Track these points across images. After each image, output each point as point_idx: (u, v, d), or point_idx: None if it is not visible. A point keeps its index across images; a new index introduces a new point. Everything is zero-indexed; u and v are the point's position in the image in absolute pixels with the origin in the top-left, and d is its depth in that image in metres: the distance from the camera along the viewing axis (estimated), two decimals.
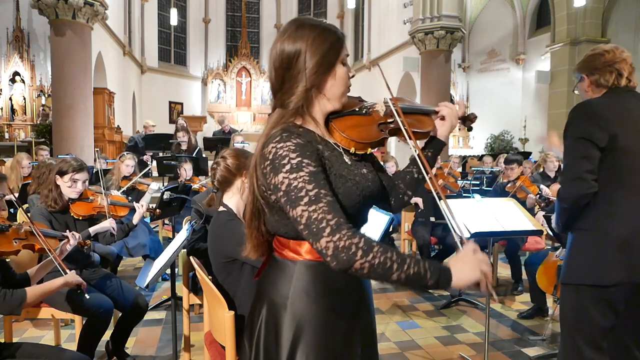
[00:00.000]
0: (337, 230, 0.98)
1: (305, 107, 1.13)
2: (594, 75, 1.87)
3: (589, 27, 11.22)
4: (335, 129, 1.16)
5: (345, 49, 1.17)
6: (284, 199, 1.03)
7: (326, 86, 1.14)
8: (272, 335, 1.13)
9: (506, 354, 3.09)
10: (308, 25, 1.13)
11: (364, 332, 1.22)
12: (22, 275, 2.21)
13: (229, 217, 2.05)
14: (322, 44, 1.12)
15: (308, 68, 1.10)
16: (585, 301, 1.78)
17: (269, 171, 1.06)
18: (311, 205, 1.00)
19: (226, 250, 1.95)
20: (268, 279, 1.20)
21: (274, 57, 1.14)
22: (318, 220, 0.99)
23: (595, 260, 1.75)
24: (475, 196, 3.13)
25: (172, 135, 6.99)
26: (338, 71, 1.15)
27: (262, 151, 1.09)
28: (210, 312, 2.01)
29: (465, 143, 14.26)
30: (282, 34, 1.14)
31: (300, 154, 1.04)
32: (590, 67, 1.89)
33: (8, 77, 10.50)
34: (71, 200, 2.72)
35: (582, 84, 1.94)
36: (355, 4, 15.06)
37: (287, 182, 1.02)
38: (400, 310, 3.91)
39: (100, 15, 8.58)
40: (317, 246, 0.99)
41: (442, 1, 10.12)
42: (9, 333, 2.58)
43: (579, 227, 1.83)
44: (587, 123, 1.75)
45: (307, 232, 1.00)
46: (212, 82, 17.84)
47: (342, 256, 0.97)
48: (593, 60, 1.89)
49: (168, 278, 4.36)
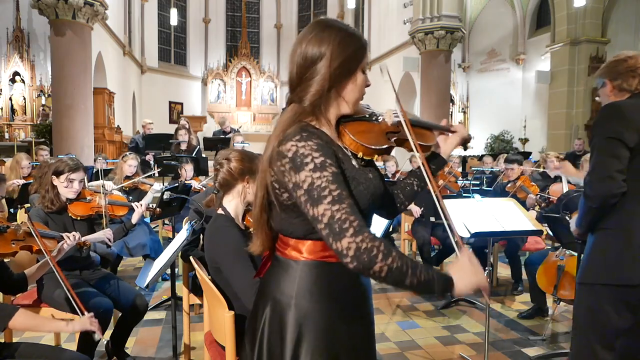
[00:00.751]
0: (360, 232, 0.99)
1: (322, 108, 1.14)
2: (617, 80, 1.89)
3: (589, 27, 11.22)
4: (346, 132, 1.17)
5: (367, 57, 1.19)
6: (305, 198, 1.03)
7: (346, 89, 1.16)
8: (277, 334, 1.14)
9: (506, 354, 3.09)
10: (335, 27, 1.14)
11: (366, 331, 1.23)
12: (20, 275, 2.21)
13: (225, 223, 2.02)
14: (346, 47, 1.13)
15: (331, 69, 1.11)
16: (603, 301, 1.78)
17: (288, 169, 1.06)
18: (334, 205, 1.00)
19: (216, 258, 1.94)
20: (271, 278, 1.20)
21: (297, 54, 1.14)
22: (342, 220, 1.00)
23: (619, 260, 1.74)
24: (475, 196, 3.13)
25: (172, 135, 6.99)
26: (358, 77, 1.16)
27: (279, 148, 1.08)
28: (210, 312, 2.01)
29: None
30: (308, 33, 1.15)
31: (323, 154, 1.05)
32: (613, 72, 1.91)
33: (8, 77, 10.50)
34: (69, 200, 2.71)
35: (604, 89, 1.96)
36: (355, 4, 15.06)
37: (310, 180, 1.02)
38: (400, 310, 3.92)
39: (100, 15, 8.58)
40: (338, 246, 1.00)
41: (442, 1, 10.13)
42: (9, 333, 2.58)
43: (602, 227, 1.82)
44: (616, 123, 1.77)
45: (328, 232, 1.01)
46: (212, 82, 17.84)
47: (363, 257, 0.98)
48: (616, 65, 1.91)
49: (168, 278, 4.36)
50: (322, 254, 1.13)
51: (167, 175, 5.78)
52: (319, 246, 1.13)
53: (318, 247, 1.13)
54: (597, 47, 11.15)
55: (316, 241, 1.12)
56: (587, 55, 11.08)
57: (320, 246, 1.13)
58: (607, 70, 1.95)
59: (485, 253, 4.14)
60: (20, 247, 2.13)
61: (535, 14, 13.65)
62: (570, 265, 3.11)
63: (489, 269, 2.90)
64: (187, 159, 5.36)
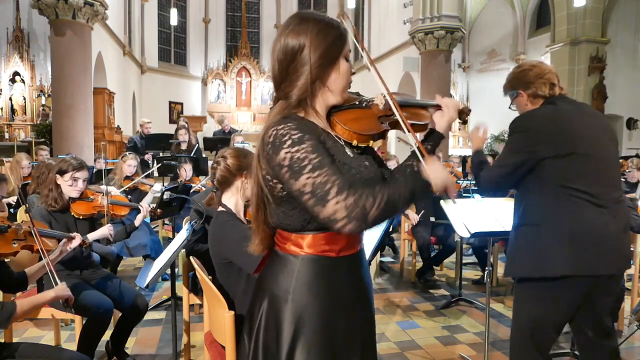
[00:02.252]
0: (344, 188, 0.98)
1: (308, 100, 1.14)
2: (530, 89, 1.98)
3: (589, 27, 11.22)
4: (337, 122, 1.16)
5: (348, 45, 1.18)
6: (288, 174, 1.03)
7: (330, 79, 1.15)
8: (273, 329, 1.14)
9: (506, 354, 3.08)
10: (312, 19, 1.14)
11: (364, 325, 1.23)
12: (20, 274, 2.20)
13: (228, 218, 2.04)
14: (325, 37, 1.12)
15: (312, 61, 1.11)
16: (529, 293, 1.90)
17: (271, 154, 1.06)
18: (315, 171, 1.00)
19: (224, 252, 1.94)
20: (269, 273, 1.19)
21: (277, 50, 1.14)
22: (322, 183, 0.99)
23: (543, 254, 1.81)
24: (475, 196, 3.13)
25: (172, 135, 6.99)
26: (342, 65, 1.15)
27: (262, 141, 1.09)
28: (210, 312, 2.01)
29: (465, 143, 14.26)
30: (285, 28, 1.15)
31: (300, 130, 1.04)
32: (523, 82, 2.00)
33: (8, 77, 10.50)
34: (71, 199, 2.72)
35: (519, 99, 2.04)
36: (355, 4, 15.06)
37: (290, 155, 1.02)
38: (400, 310, 3.91)
39: (100, 15, 8.58)
40: (326, 213, 0.99)
41: (442, 1, 10.13)
42: (9, 333, 2.58)
43: (526, 223, 1.90)
44: (530, 136, 1.86)
45: (314, 200, 1.00)
46: (212, 82, 17.83)
47: (356, 212, 0.97)
48: (524, 75, 2.00)
49: (168, 278, 4.36)
50: (323, 248, 1.13)
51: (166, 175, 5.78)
52: (320, 239, 1.12)
53: (319, 241, 1.13)
54: (597, 47, 11.15)
55: (316, 234, 1.12)
56: (587, 55, 11.07)
57: (321, 239, 1.12)
58: (517, 82, 2.02)
59: (485, 253, 4.14)
60: (22, 247, 2.13)
61: (535, 14, 13.66)
62: None
63: (489, 269, 2.90)
64: (186, 159, 5.36)
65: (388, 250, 6.00)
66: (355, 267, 1.21)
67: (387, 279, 4.92)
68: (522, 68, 2.03)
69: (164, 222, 5.91)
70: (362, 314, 1.21)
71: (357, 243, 1.20)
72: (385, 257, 5.77)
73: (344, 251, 1.16)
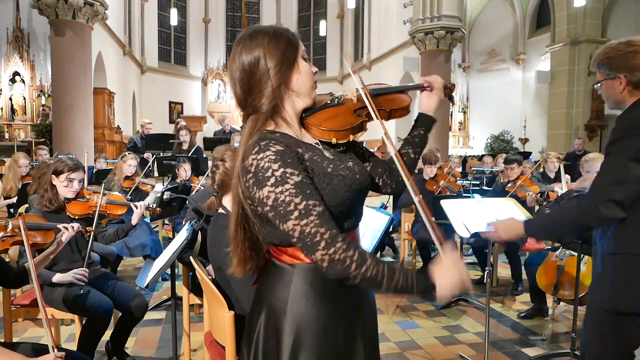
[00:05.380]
0: (332, 244, 1.00)
1: (278, 109, 1.13)
2: (635, 77, 1.59)
3: (589, 27, 11.22)
4: (311, 124, 1.16)
5: (302, 45, 1.18)
6: (272, 214, 1.04)
7: (292, 81, 1.14)
8: (272, 340, 1.12)
9: (506, 354, 3.09)
10: (260, 31, 1.15)
11: (366, 332, 1.22)
12: (19, 269, 2.19)
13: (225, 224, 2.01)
14: (278, 43, 1.13)
15: (270, 68, 1.11)
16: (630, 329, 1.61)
17: (251, 184, 1.05)
18: (302, 219, 1.01)
19: (218, 259, 1.94)
20: (267, 284, 1.18)
21: (235, 69, 1.15)
22: (312, 234, 1.01)
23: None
24: (475, 196, 3.12)
25: (172, 135, 6.98)
26: (301, 65, 1.16)
27: (243, 164, 1.07)
28: (210, 312, 2.01)
29: (465, 143, 14.26)
30: (236, 46, 1.15)
31: (282, 164, 1.03)
32: (629, 65, 1.60)
33: (8, 77, 10.50)
34: (67, 199, 2.72)
35: (614, 82, 1.65)
36: (355, 4, 15.07)
37: (274, 196, 1.02)
38: (400, 310, 3.91)
39: (100, 15, 8.58)
40: (313, 258, 1.03)
41: (442, 1, 10.13)
42: (9, 333, 2.58)
43: (628, 252, 1.60)
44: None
45: (302, 245, 1.03)
46: (212, 82, 17.84)
47: (337, 268, 1.01)
48: (633, 57, 1.60)
49: (168, 278, 4.37)
50: None
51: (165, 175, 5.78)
52: None
53: None
54: (597, 47, 11.09)
55: None
56: (587, 55, 11.07)
57: None
58: (621, 62, 1.62)
59: (485, 253, 4.14)
60: (12, 243, 2.12)
61: (535, 14, 13.66)
62: (570, 265, 3.11)
63: (489, 269, 2.90)
64: (185, 159, 5.35)
65: (388, 250, 6.00)
66: None
67: None
68: (635, 49, 1.60)
69: (164, 222, 5.91)
70: (362, 319, 1.20)
71: None
72: (385, 257, 5.77)
73: None
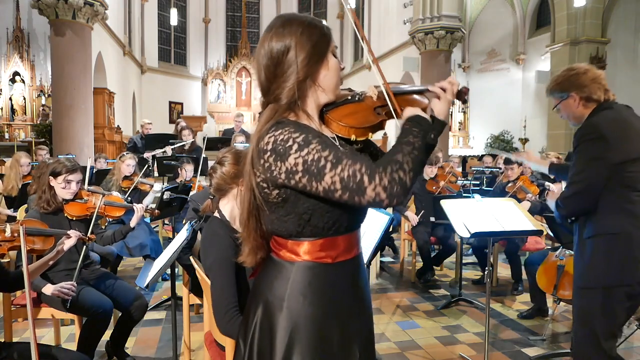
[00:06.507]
0: (374, 174, 0.97)
1: (298, 101, 1.12)
2: (584, 92, 1.96)
3: (589, 27, 11.21)
4: (332, 119, 1.15)
5: (333, 41, 1.17)
6: (306, 178, 1.01)
7: (320, 77, 1.14)
8: (267, 336, 1.12)
9: (506, 354, 3.09)
10: (294, 20, 1.13)
11: (362, 332, 1.21)
12: (17, 272, 2.19)
13: (219, 229, 1.99)
14: (311, 35, 1.11)
15: (299, 60, 1.10)
16: (613, 302, 1.88)
17: (272, 162, 1.04)
18: (337, 167, 0.98)
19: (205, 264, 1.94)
20: (264, 280, 1.18)
21: (262, 55, 1.13)
22: (351, 175, 0.98)
23: (627, 261, 1.85)
24: (475, 196, 3.12)
25: (172, 135, 6.97)
26: (330, 61, 1.15)
27: (257, 147, 1.07)
28: (210, 312, 2.01)
29: (465, 143, 14.26)
30: (268, 32, 1.13)
31: (302, 132, 1.03)
32: (576, 84, 1.98)
33: (8, 77, 10.51)
34: (65, 201, 2.71)
35: (569, 101, 2.02)
36: (355, 4, 15.06)
37: (302, 160, 1.00)
38: (400, 310, 3.91)
39: (100, 15, 8.58)
40: (367, 199, 0.98)
41: (442, 1, 10.14)
42: (9, 333, 2.58)
43: (604, 232, 1.90)
44: (599, 142, 1.86)
45: (349, 194, 0.98)
46: (212, 82, 17.84)
47: (396, 190, 0.97)
48: (577, 78, 1.98)
49: (168, 278, 4.37)
50: (319, 255, 1.11)
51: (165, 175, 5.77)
52: (317, 246, 1.11)
53: (315, 248, 1.11)
54: (597, 47, 11.14)
55: (313, 241, 1.11)
56: (587, 55, 11.06)
57: (318, 246, 1.11)
58: (569, 84, 2.00)
59: (485, 253, 4.14)
60: (9, 248, 2.11)
61: (535, 14, 13.66)
62: (570, 265, 3.11)
63: (489, 269, 2.90)
64: (188, 159, 5.34)
65: (388, 250, 6.00)
66: (352, 272, 1.18)
67: (387, 279, 4.92)
68: (576, 71, 2.01)
69: (164, 222, 5.91)
70: (358, 319, 1.19)
71: (354, 247, 1.18)
72: (385, 257, 5.77)
73: (341, 257, 1.14)
